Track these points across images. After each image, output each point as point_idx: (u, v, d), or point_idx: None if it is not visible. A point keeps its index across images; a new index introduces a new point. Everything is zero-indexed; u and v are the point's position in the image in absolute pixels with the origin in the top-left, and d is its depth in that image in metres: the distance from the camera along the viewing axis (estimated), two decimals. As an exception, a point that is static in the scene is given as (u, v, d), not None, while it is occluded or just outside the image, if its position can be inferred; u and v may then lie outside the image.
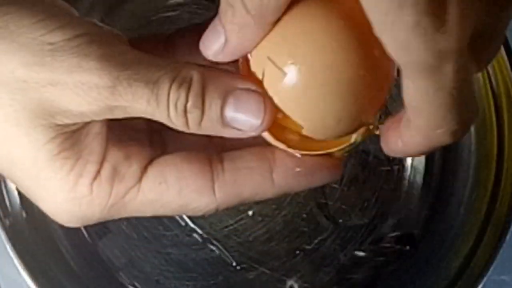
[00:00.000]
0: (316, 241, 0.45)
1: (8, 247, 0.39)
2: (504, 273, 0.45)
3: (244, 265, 0.45)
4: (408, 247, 0.45)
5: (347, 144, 0.28)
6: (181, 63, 0.26)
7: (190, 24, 0.42)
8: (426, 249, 0.44)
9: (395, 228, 0.45)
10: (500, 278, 0.45)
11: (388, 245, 0.45)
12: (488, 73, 0.42)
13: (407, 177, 0.46)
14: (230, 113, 0.26)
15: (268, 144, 0.28)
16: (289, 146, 0.27)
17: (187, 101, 0.25)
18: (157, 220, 0.44)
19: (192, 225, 0.45)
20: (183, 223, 0.45)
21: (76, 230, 0.44)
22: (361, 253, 0.45)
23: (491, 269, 0.40)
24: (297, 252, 0.45)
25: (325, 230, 0.45)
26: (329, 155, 0.28)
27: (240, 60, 0.28)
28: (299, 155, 0.28)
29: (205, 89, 0.25)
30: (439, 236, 0.44)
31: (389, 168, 0.46)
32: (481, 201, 0.43)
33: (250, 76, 0.27)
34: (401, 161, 0.46)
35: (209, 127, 0.26)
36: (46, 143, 0.25)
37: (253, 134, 0.26)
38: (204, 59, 0.27)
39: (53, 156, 0.25)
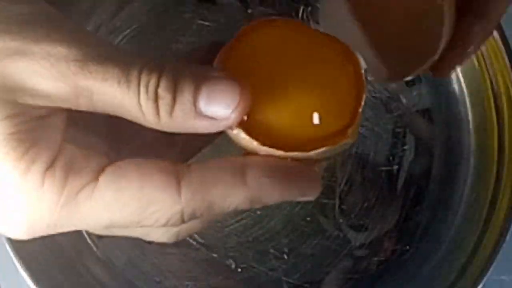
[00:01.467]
0: (316, 241, 0.45)
1: (8, 247, 0.39)
2: (504, 273, 0.45)
3: (244, 265, 0.45)
4: (408, 247, 0.45)
5: (328, 147, 0.27)
6: None
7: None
8: (426, 249, 0.44)
9: (395, 228, 0.45)
10: (500, 278, 0.45)
11: (388, 245, 0.45)
12: (488, 73, 0.42)
13: (406, 177, 0.46)
14: (203, 99, 0.24)
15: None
16: (264, 144, 0.26)
17: (158, 84, 0.24)
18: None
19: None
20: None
21: (76, 230, 0.44)
22: (361, 253, 0.45)
23: (491, 269, 0.40)
24: (297, 252, 0.45)
25: (325, 230, 0.45)
26: (304, 162, 0.27)
27: (216, 61, 0.27)
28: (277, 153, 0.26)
29: (177, 74, 0.24)
30: (439, 236, 0.44)
31: (389, 168, 0.46)
32: (481, 201, 0.43)
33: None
34: (400, 161, 0.46)
35: (181, 116, 0.24)
36: (4, 119, 0.23)
37: (227, 123, 0.25)
38: None
39: (8, 135, 0.23)
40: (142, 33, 0.46)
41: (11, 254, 0.39)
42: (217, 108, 0.24)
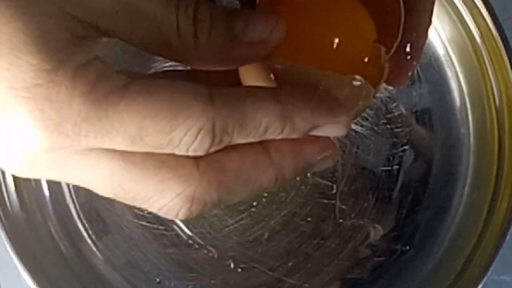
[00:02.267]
0: (316, 241, 0.45)
1: (8, 247, 0.39)
2: (504, 273, 0.45)
3: (244, 265, 0.45)
4: (408, 247, 0.45)
5: (356, 76, 0.27)
6: None
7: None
8: (426, 249, 0.44)
9: (395, 228, 0.45)
10: (500, 278, 0.45)
11: (388, 245, 0.45)
12: (488, 73, 0.42)
13: (406, 177, 0.46)
14: (239, 24, 0.25)
15: None
16: (297, 60, 0.26)
17: (197, 8, 0.25)
18: (157, 219, 0.44)
19: (192, 225, 0.45)
20: (183, 223, 0.45)
21: (76, 230, 0.44)
22: (361, 253, 0.45)
23: (491, 269, 0.40)
24: (297, 252, 0.45)
25: (325, 230, 0.45)
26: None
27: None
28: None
29: (213, 7, 0.25)
30: (439, 236, 0.44)
31: (389, 168, 0.46)
32: (481, 201, 0.43)
33: None
34: (400, 161, 0.46)
35: (219, 40, 0.25)
36: (43, 14, 0.23)
37: (264, 47, 0.25)
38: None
39: (48, 30, 0.23)
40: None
41: (11, 254, 0.39)
42: (254, 32, 0.25)
